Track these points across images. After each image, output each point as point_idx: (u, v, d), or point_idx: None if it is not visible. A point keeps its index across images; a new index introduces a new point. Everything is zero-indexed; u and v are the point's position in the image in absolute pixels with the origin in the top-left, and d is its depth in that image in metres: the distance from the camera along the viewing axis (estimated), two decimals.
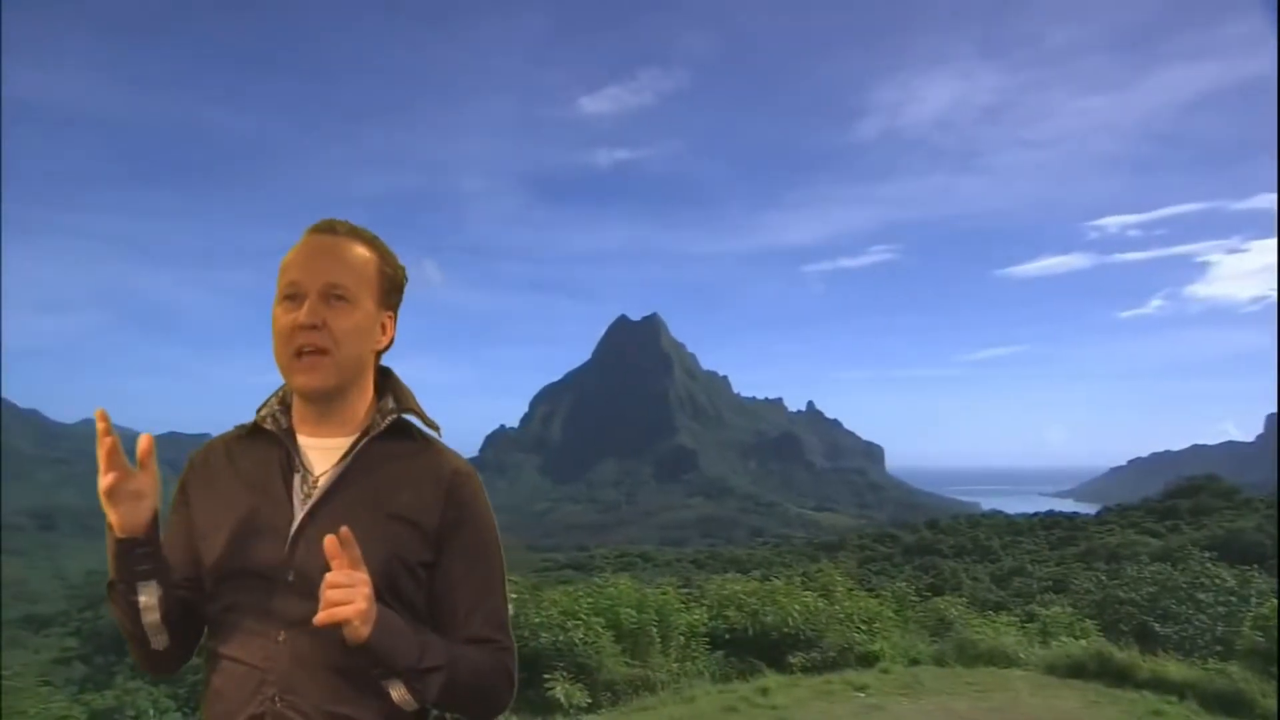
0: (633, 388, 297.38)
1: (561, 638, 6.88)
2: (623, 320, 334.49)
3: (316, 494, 1.32)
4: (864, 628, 8.52)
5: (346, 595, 1.16)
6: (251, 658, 1.26)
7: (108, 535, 1.26)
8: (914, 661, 8.01)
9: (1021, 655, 7.93)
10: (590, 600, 7.69)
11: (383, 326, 1.42)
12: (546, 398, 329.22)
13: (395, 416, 1.41)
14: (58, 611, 76.53)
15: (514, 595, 7.27)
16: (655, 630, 7.65)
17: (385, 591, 1.27)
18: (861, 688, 7.03)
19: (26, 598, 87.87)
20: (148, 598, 1.28)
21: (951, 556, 55.60)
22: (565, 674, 6.63)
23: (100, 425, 1.23)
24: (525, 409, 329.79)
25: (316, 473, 1.35)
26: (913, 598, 10.71)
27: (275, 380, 1.45)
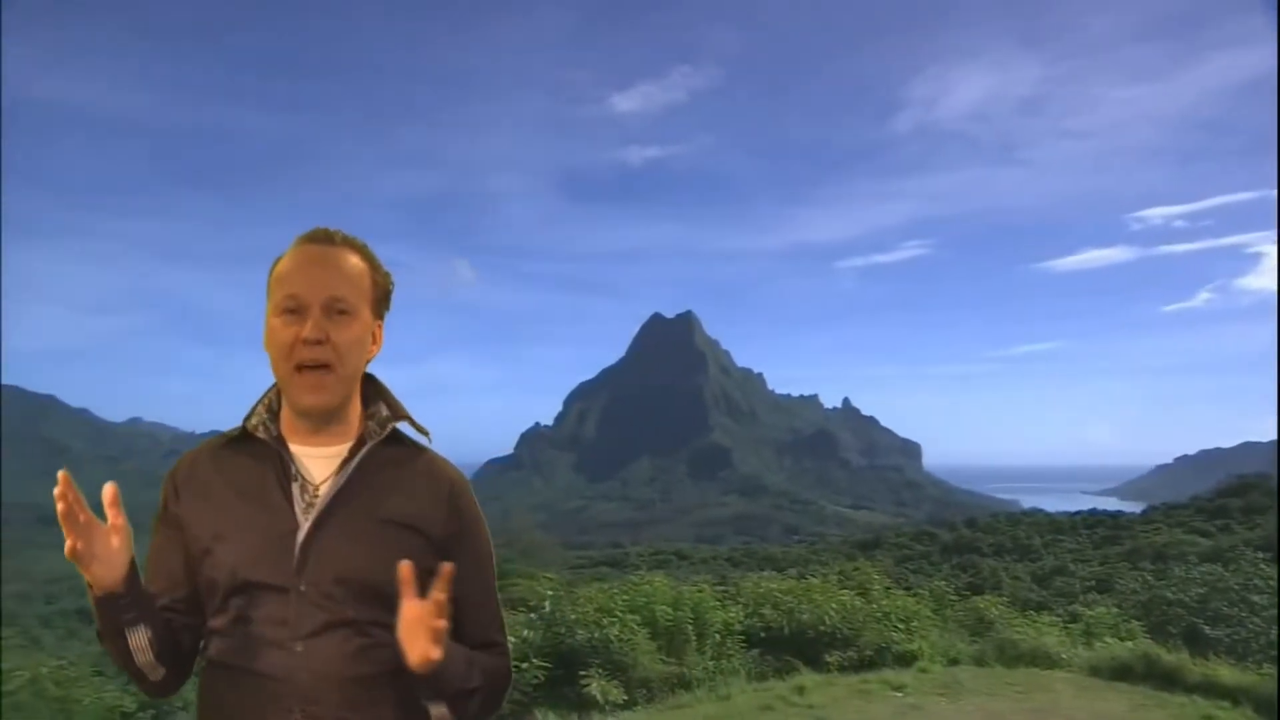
0: (667, 385, 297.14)
1: (597, 635, 6.90)
2: (656, 318, 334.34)
3: (320, 504, 1.32)
4: (902, 627, 8.43)
5: (439, 634, 1.20)
6: (268, 670, 1.26)
7: (88, 590, 1.24)
8: (953, 661, 7.90)
9: (1064, 656, 7.78)
10: (626, 597, 7.70)
11: (373, 335, 1.42)
12: (581, 396, 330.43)
13: (392, 425, 1.41)
14: None
15: (549, 592, 7.31)
16: (690, 628, 7.64)
17: (394, 599, 1.28)
18: (899, 687, 6.95)
19: (79, 591, 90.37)
20: (137, 640, 1.27)
21: (991, 555, 54.77)
22: (601, 671, 6.64)
23: (57, 489, 1.20)
24: (559, 407, 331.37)
25: (316, 482, 1.35)
26: (951, 597, 10.56)
27: None
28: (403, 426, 1.44)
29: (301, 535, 1.30)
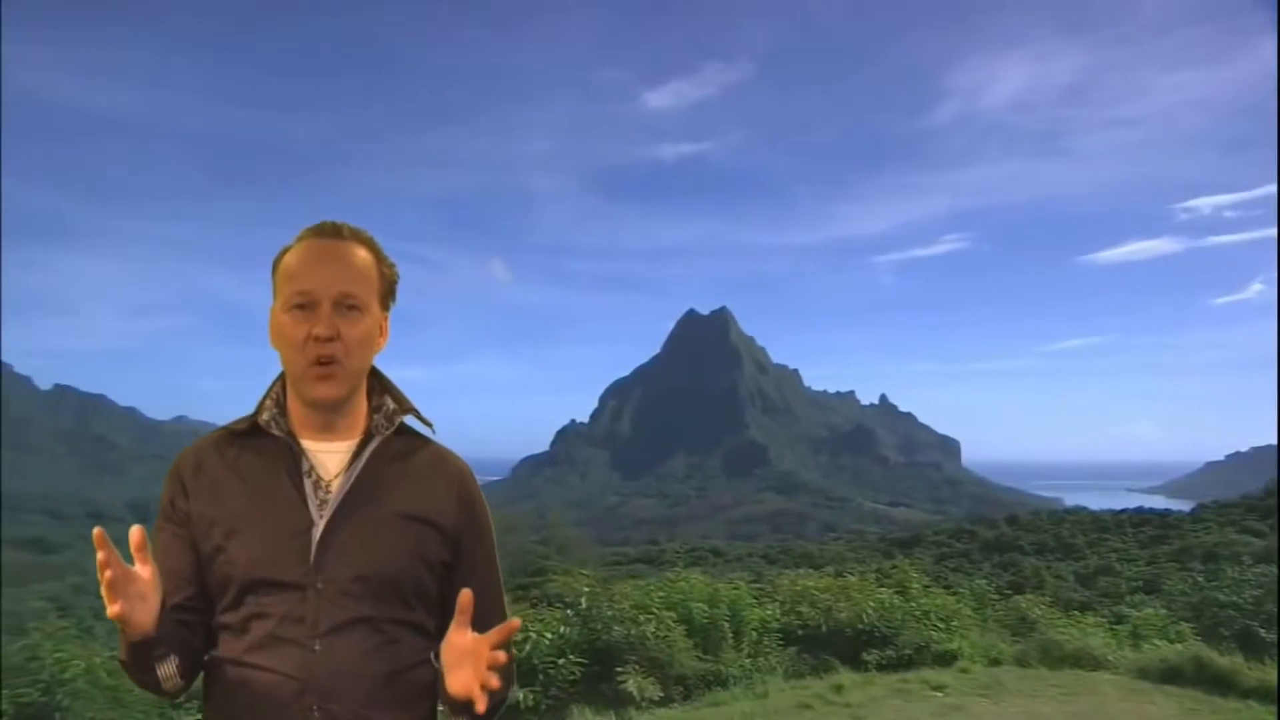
0: (702, 382, 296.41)
1: (633, 631, 6.91)
2: (691, 315, 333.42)
3: (335, 499, 1.32)
4: (941, 626, 8.31)
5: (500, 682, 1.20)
6: (286, 667, 1.25)
7: (120, 634, 1.22)
8: (994, 662, 7.77)
9: (1110, 658, 7.59)
10: (662, 594, 7.69)
11: (380, 328, 1.42)
12: (616, 393, 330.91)
13: (399, 417, 1.41)
14: None
15: (585, 589, 7.34)
16: (727, 625, 7.61)
17: (411, 593, 1.29)
18: (939, 687, 6.85)
19: None
20: (166, 670, 1.26)
21: (1033, 554, 53.85)
22: (637, 668, 6.65)
23: (100, 556, 1.17)
24: (595, 404, 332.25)
25: (328, 477, 1.35)
26: (992, 596, 10.38)
27: None
28: (409, 420, 1.45)
29: (318, 532, 1.29)
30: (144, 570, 1.20)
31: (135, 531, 1.19)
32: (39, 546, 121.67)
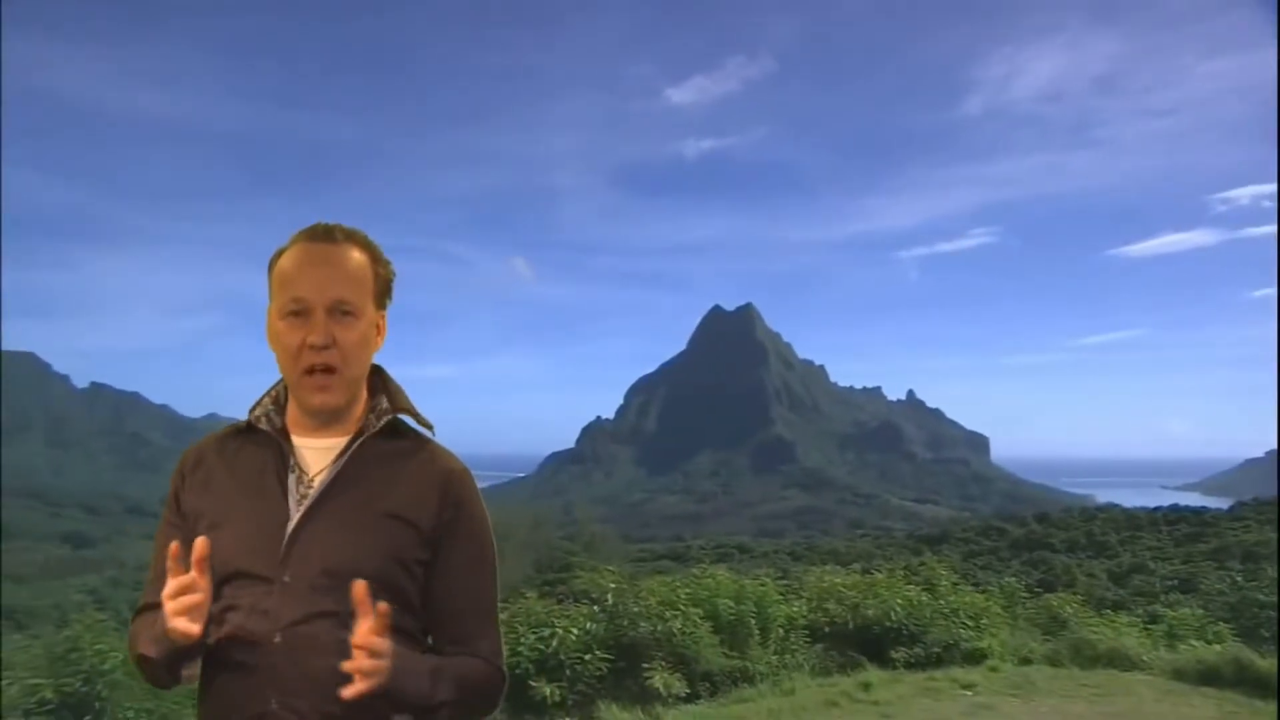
0: (728, 378, 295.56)
1: (660, 627, 6.91)
2: (717, 311, 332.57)
3: (312, 495, 1.32)
4: (970, 624, 8.22)
5: (376, 666, 1.17)
6: (249, 659, 1.26)
7: (162, 638, 1.24)
8: (1025, 661, 7.67)
9: (1145, 658, 7.44)
10: (688, 591, 7.68)
11: (377, 328, 1.42)
12: (641, 389, 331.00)
13: (390, 417, 1.40)
14: None
15: (612, 585, 7.35)
16: (753, 622, 7.59)
17: (383, 590, 1.27)
18: (969, 686, 6.78)
19: None
20: (192, 670, 1.30)
21: (1063, 551, 53.16)
22: (663, 663, 6.66)
23: (195, 576, 1.21)
24: (620, 401, 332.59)
25: (312, 473, 1.35)
26: (1022, 594, 10.24)
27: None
28: (410, 421, 1.44)
29: (291, 526, 1.30)
30: (204, 580, 1.23)
31: (201, 543, 1.22)
32: (77, 541, 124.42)
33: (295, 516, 1.31)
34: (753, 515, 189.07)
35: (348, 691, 1.17)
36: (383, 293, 1.42)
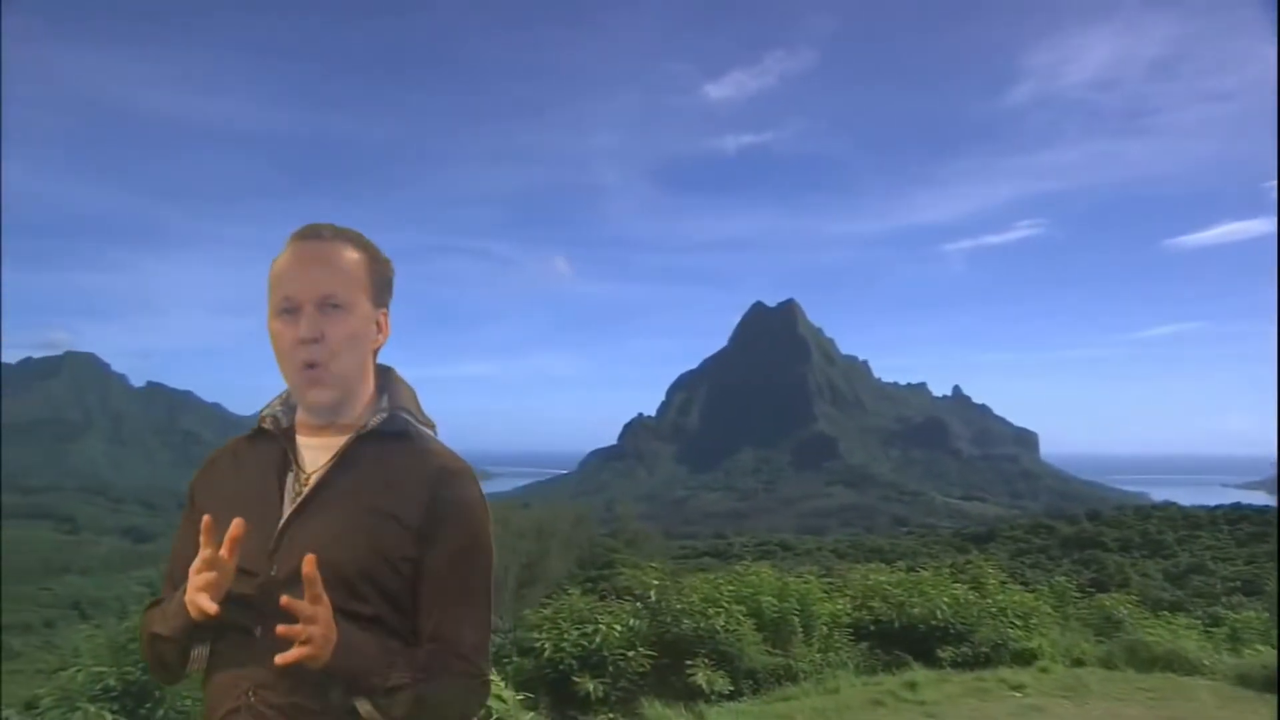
0: (770, 375, 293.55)
1: (703, 625, 6.90)
2: (758, 307, 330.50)
3: (305, 492, 1.34)
4: (1019, 623, 8.05)
5: (306, 632, 1.17)
6: (234, 653, 1.29)
7: (177, 613, 1.28)
8: (1077, 662, 7.49)
9: (1206, 662, 7.19)
10: (731, 588, 7.65)
11: (378, 325, 1.43)
12: (683, 386, 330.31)
13: (385, 414, 1.41)
14: None
15: (655, 582, 7.35)
16: (797, 619, 7.53)
17: (367, 586, 1.28)
18: (1018, 687, 6.65)
19: None
20: (200, 650, 1.33)
21: (1117, 551, 51.80)
22: (706, 660, 6.64)
23: (223, 552, 1.23)
24: (662, 398, 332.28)
25: (309, 471, 1.37)
26: (1074, 593, 10.00)
27: (413, 371, 1.49)
28: (411, 419, 1.45)
29: (281, 522, 1.32)
30: (230, 561, 1.26)
31: (237, 524, 1.24)
32: (135, 535, 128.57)
33: (286, 513, 1.33)
34: (795, 512, 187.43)
35: (280, 658, 1.17)
36: (381, 289, 1.43)
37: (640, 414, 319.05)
